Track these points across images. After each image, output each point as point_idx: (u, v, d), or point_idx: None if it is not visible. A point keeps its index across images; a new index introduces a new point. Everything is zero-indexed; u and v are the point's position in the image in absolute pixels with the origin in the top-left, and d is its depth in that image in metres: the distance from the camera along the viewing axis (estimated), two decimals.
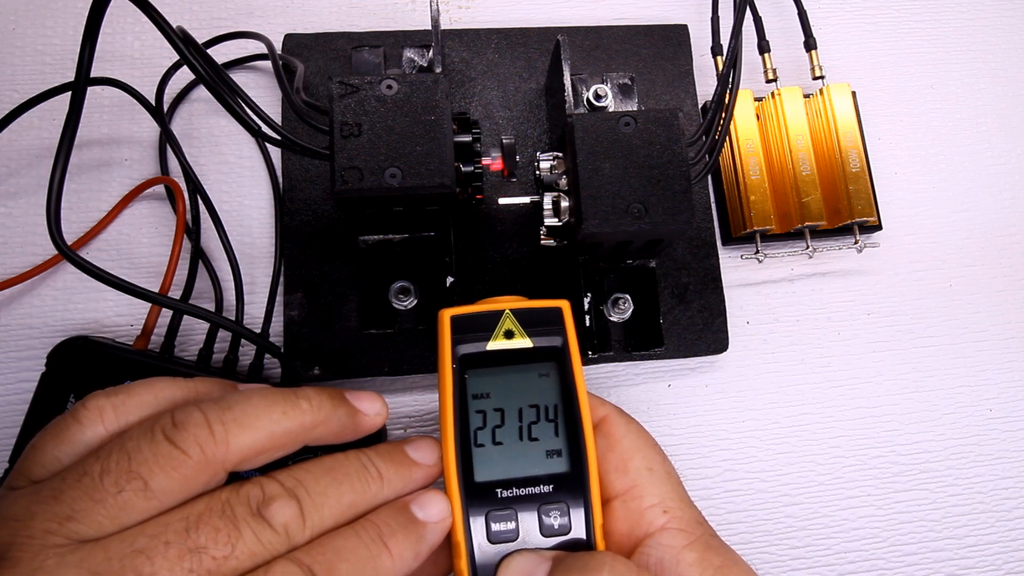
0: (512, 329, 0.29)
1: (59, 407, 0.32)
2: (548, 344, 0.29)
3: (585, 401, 0.28)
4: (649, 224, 0.31)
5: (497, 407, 0.28)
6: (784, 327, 0.41)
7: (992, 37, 0.47)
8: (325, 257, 0.38)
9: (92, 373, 0.33)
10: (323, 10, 0.43)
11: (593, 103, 0.40)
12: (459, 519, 0.26)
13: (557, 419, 0.28)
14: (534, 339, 0.29)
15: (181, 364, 0.34)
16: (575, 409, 0.28)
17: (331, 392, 0.25)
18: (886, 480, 0.40)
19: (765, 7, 0.44)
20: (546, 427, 0.28)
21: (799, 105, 0.41)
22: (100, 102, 0.40)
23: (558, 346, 0.29)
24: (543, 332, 0.29)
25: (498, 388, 0.29)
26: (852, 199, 0.40)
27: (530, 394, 0.29)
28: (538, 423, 0.28)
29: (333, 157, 0.30)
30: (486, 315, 0.29)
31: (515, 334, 0.29)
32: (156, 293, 0.30)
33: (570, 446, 0.28)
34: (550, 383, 0.29)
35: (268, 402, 0.23)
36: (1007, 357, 0.42)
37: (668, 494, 0.27)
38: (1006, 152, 0.45)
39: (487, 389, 0.28)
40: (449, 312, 0.29)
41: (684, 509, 0.27)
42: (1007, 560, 0.39)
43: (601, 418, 0.29)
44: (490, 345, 0.29)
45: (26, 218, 0.39)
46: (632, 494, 0.27)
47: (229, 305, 0.37)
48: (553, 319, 0.29)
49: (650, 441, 0.29)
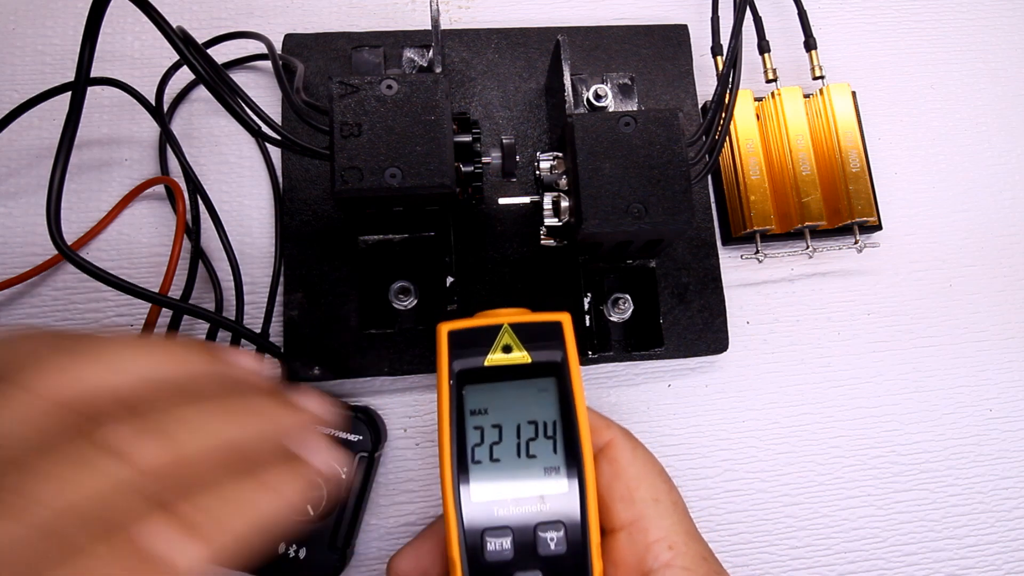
0: (510, 344, 0.28)
1: None
2: (547, 359, 0.28)
3: (584, 417, 0.27)
4: (649, 224, 0.31)
5: (495, 423, 0.28)
6: (784, 327, 0.41)
7: (992, 37, 0.47)
8: (325, 257, 0.38)
9: None
10: (323, 10, 0.43)
11: (593, 103, 0.40)
12: (455, 537, 0.25)
13: (556, 436, 0.28)
14: (533, 354, 0.28)
15: None
16: (574, 425, 0.27)
17: (206, 344, 0.24)
18: (886, 480, 0.40)
19: (765, 7, 0.44)
20: (544, 444, 0.28)
21: (799, 105, 0.41)
22: (100, 102, 0.40)
23: (557, 361, 0.28)
24: (542, 346, 0.28)
25: (496, 404, 0.28)
26: (852, 199, 0.40)
27: (528, 410, 0.28)
28: (536, 440, 0.28)
29: (333, 157, 0.30)
30: (484, 330, 0.28)
31: (513, 348, 0.28)
32: (156, 293, 0.30)
33: (568, 463, 0.27)
34: (549, 399, 0.28)
35: (133, 344, 0.20)
36: (1007, 357, 0.42)
37: (674, 527, 0.27)
38: (1006, 152, 0.45)
39: (485, 405, 0.28)
40: (447, 326, 0.28)
41: (689, 544, 0.27)
42: (1007, 560, 0.39)
43: (607, 442, 0.28)
44: (488, 360, 0.28)
45: (26, 218, 0.39)
46: (637, 527, 0.27)
47: (229, 305, 0.38)
48: (553, 333, 0.29)
49: (657, 468, 0.28)
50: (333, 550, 0.33)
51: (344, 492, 0.33)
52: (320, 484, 0.33)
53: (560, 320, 0.29)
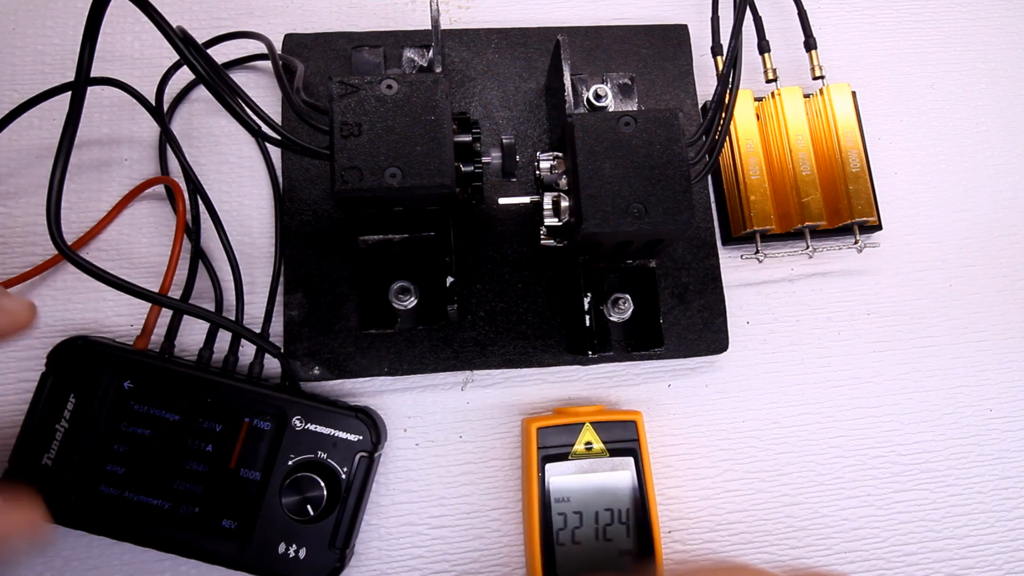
0: (591, 440, 0.34)
1: (59, 407, 0.32)
2: (623, 452, 0.33)
3: (655, 504, 0.33)
4: (649, 224, 0.31)
5: (576, 510, 0.33)
6: (784, 327, 0.41)
7: (992, 37, 0.47)
8: (325, 257, 0.38)
9: (92, 373, 0.33)
10: (323, 10, 0.43)
11: (593, 103, 0.40)
12: None
13: (629, 522, 0.33)
14: (610, 446, 0.33)
15: (180, 364, 0.34)
16: (647, 512, 0.32)
17: None
18: (886, 480, 0.40)
19: (765, 7, 0.44)
20: (619, 529, 0.33)
21: (799, 105, 0.41)
22: (100, 102, 0.40)
23: (632, 455, 0.34)
24: (618, 441, 0.34)
25: (577, 493, 0.33)
26: (852, 199, 0.40)
27: (605, 499, 0.33)
28: (612, 525, 0.33)
29: (333, 157, 0.30)
30: (568, 427, 0.34)
31: (594, 445, 0.33)
32: (156, 293, 0.30)
33: (641, 547, 0.32)
34: (624, 489, 0.33)
35: None
36: (1007, 357, 0.42)
37: None
38: (1006, 152, 0.45)
39: (568, 494, 0.33)
40: (535, 424, 0.34)
41: None
42: (1007, 560, 0.39)
43: None
44: (572, 455, 0.33)
45: (26, 218, 0.39)
46: None
47: (229, 305, 0.37)
48: (627, 430, 0.34)
49: None
50: (333, 550, 0.33)
51: (344, 492, 0.33)
52: (320, 484, 0.33)
53: (635, 419, 0.34)
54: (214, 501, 0.33)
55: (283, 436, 0.33)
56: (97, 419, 0.33)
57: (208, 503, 0.33)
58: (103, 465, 0.33)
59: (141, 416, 0.33)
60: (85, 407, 0.33)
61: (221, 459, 0.33)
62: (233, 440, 0.33)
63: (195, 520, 0.33)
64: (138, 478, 0.33)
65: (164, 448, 0.33)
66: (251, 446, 0.33)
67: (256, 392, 0.34)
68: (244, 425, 0.33)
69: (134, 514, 0.32)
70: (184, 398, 0.33)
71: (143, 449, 0.33)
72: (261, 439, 0.33)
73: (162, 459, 0.33)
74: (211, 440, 0.33)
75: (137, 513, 0.32)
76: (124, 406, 0.33)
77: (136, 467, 0.33)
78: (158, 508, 0.33)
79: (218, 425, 0.33)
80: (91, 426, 0.32)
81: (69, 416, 0.32)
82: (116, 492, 0.32)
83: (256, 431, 0.33)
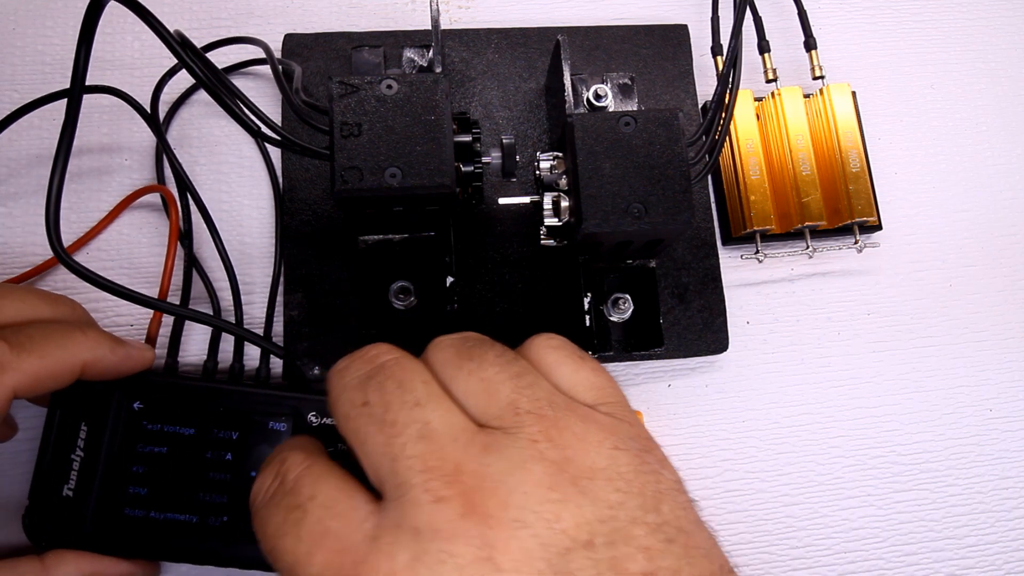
0: None
1: (72, 438, 0.32)
2: None
3: None
4: (649, 224, 0.31)
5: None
6: (784, 327, 0.41)
7: (992, 37, 0.47)
8: (325, 257, 0.38)
9: (99, 400, 0.32)
10: (323, 10, 0.43)
11: (593, 103, 0.40)
12: None
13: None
14: None
15: (187, 377, 0.34)
16: None
17: (110, 336, 0.29)
18: (886, 480, 0.40)
19: (765, 7, 0.44)
20: None
21: (799, 105, 0.41)
22: (99, 104, 0.40)
23: None
24: None
25: None
26: (852, 199, 0.40)
27: None
28: None
29: (333, 157, 0.30)
30: None
31: None
32: (154, 299, 0.31)
33: None
34: None
35: (61, 335, 0.27)
36: (1007, 357, 0.42)
37: None
38: (1006, 152, 0.45)
39: None
40: None
41: None
42: (1007, 560, 0.39)
43: None
44: None
45: (26, 218, 0.39)
46: None
47: (227, 310, 0.37)
48: None
49: None
50: None
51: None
52: None
53: None
54: (241, 508, 0.32)
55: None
56: (112, 444, 0.32)
57: (235, 511, 0.32)
58: (125, 488, 0.32)
59: (155, 435, 0.32)
60: (98, 434, 0.32)
61: (242, 466, 0.33)
62: (252, 445, 0.33)
63: (225, 529, 0.32)
64: (162, 496, 0.32)
65: (183, 463, 0.32)
66: (271, 448, 0.33)
67: (267, 394, 0.34)
68: (261, 429, 0.33)
69: (163, 532, 0.32)
70: (196, 411, 0.33)
71: (162, 467, 0.32)
72: (279, 440, 0.33)
73: (183, 474, 0.32)
74: (229, 448, 0.33)
75: (166, 531, 0.32)
76: (137, 427, 0.32)
77: (158, 485, 0.32)
78: (186, 523, 0.32)
79: (234, 433, 0.33)
80: (107, 451, 0.32)
81: (83, 445, 0.32)
82: (141, 513, 0.32)
83: (274, 433, 0.33)
